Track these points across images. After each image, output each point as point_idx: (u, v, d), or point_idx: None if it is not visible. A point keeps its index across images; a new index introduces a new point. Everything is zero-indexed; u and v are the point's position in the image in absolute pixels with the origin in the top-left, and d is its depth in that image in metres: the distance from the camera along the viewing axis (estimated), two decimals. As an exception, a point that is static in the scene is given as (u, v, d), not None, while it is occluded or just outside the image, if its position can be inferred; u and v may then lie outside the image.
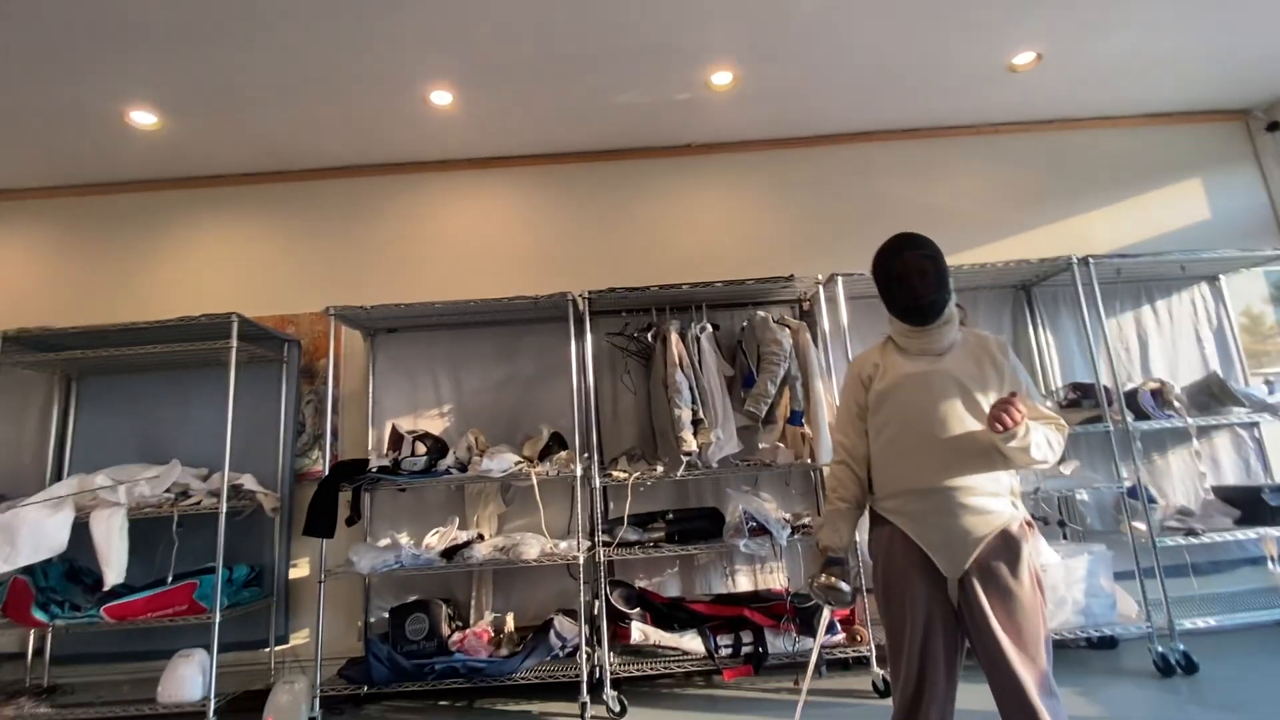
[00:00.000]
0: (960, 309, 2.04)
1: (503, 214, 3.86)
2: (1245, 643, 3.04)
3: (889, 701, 2.64)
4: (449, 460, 3.05)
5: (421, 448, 3.03)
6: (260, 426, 3.42)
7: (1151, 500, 3.08)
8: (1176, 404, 3.16)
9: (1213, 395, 3.24)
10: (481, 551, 2.93)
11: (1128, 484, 3.03)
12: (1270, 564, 3.20)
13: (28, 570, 2.86)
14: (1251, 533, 2.98)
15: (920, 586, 1.56)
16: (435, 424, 3.47)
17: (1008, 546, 1.52)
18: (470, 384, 3.54)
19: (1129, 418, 3.05)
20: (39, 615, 2.86)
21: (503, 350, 3.57)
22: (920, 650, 1.54)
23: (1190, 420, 3.11)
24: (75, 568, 3.10)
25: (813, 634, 2.86)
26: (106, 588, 2.83)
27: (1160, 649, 2.76)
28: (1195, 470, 3.44)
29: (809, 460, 3.01)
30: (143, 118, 3.27)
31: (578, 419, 3.05)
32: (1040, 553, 1.60)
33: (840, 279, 3.15)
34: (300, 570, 3.37)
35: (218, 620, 2.78)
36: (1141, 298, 3.68)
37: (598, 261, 3.75)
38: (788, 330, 3.11)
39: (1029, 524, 1.57)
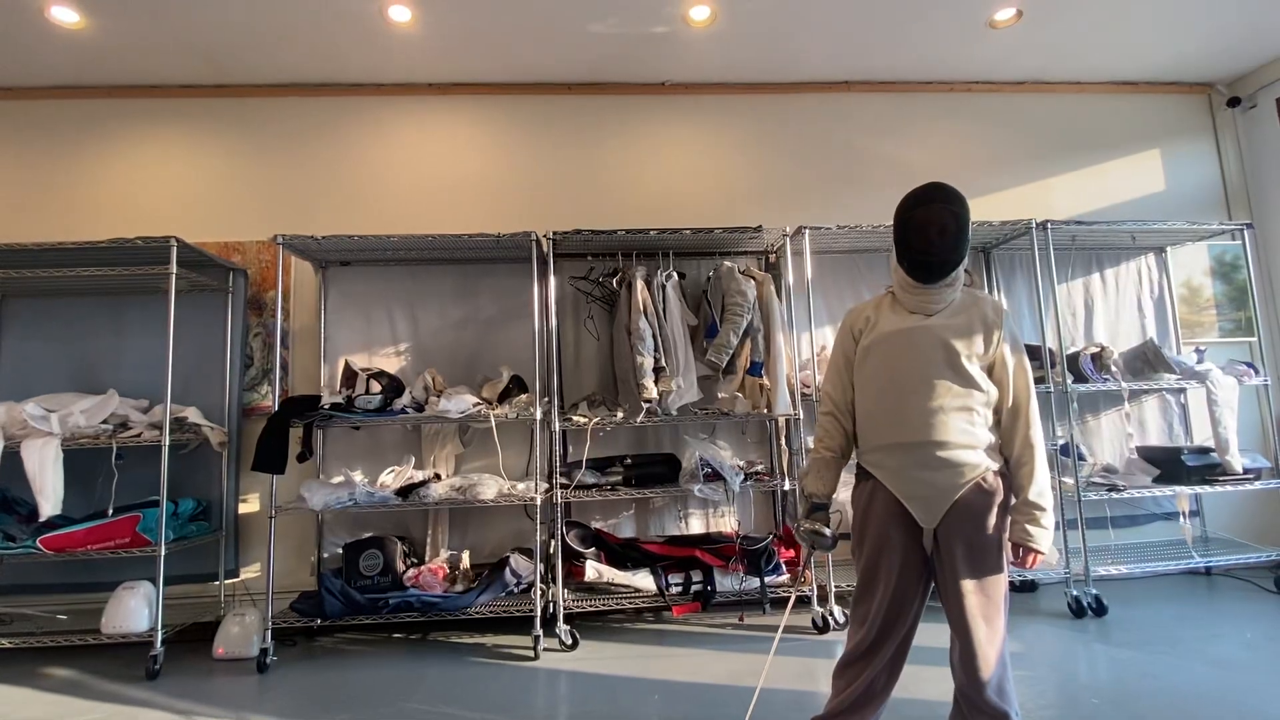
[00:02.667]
0: (968, 274, 2.02)
1: (466, 145, 3.69)
2: (1154, 590, 3.32)
3: (826, 637, 2.81)
4: (405, 400, 3.00)
5: (376, 386, 2.97)
6: (205, 358, 3.28)
7: (1081, 458, 3.27)
8: (1113, 368, 3.32)
9: (1147, 361, 3.41)
10: (438, 491, 2.93)
11: (1061, 441, 3.20)
12: (1181, 519, 3.47)
13: (-46, 499, 2.74)
14: (1169, 490, 3.21)
15: (897, 539, 1.61)
16: (391, 362, 3.39)
17: (981, 498, 1.57)
18: (428, 323, 3.45)
19: (1068, 380, 3.20)
20: (-31, 545, 2.75)
21: (463, 289, 3.48)
22: (891, 601, 1.61)
23: (1124, 384, 3.27)
24: (8, 498, 2.99)
25: (759, 574, 2.99)
26: (42, 519, 2.73)
27: (1075, 593, 2.99)
28: (1124, 431, 3.65)
29: (765, 411, 3.07)
30: (64, 14, 2.96)
31: (539, 362, 3.02)
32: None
33: (807, 232, 3.15)
34: (250, 505, 3.31)
35: (162, 554, 2.73)
36: (1092, 265, 3.80)
37: (564, 201, 3.65)
38: (753, 282, 3.11)
39: (1001, 475, 1.61)
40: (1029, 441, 1.60)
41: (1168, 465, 3.26)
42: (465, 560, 3.17)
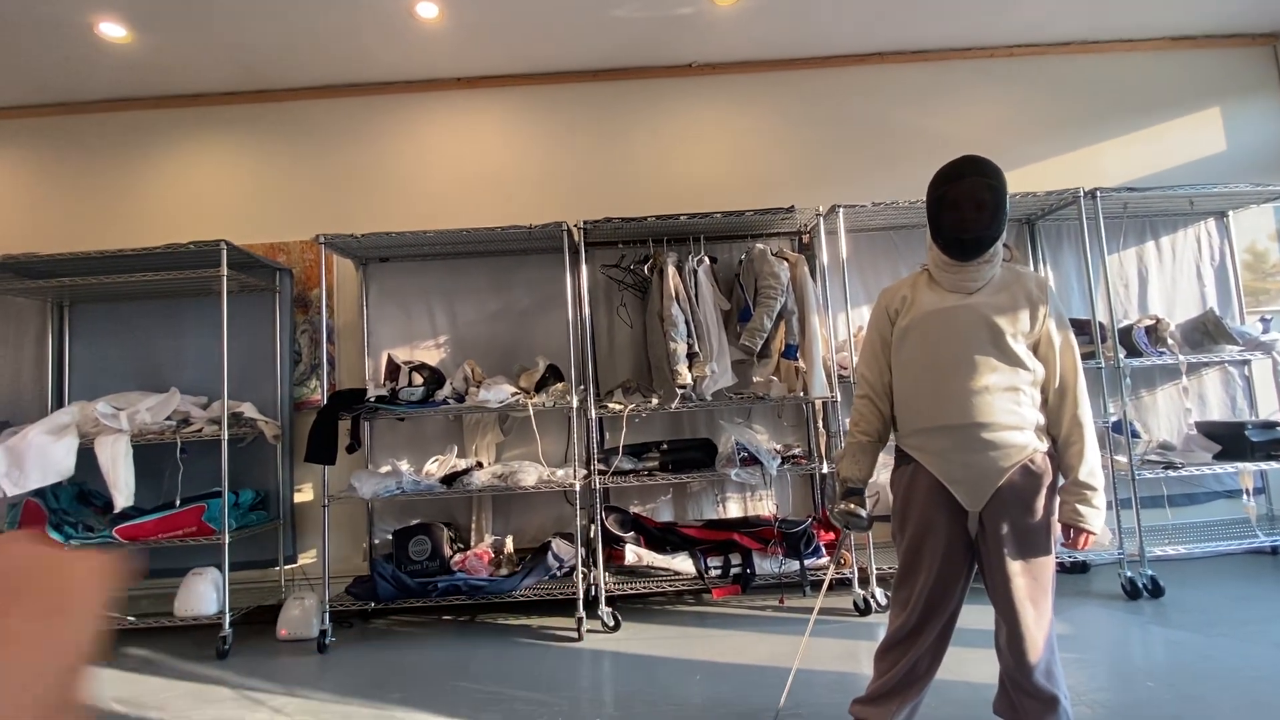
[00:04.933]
0: (1008, 248, 1.96)
1: (495, 138, 3.72)
2: (1215, 571, 3.19)
3: (868, 619, 2.80)
4: (446, 391, 3.08)
5: (419, 378, 3.06)
6: (257, 356, 3.43)
7: (1135, 435, 3.15)
8: (1170, 341, 3.17)
9: (1206, 333, 3.24)
10: (480, 478, 3.01)
11: (1113, 418, 3.09)
12: (1245, 497, 3.31)
13: (39, 493, 2.95)
14: (1230, 467, 3.07)
15: (941, 524, 1.59)
16: (431, 355, 3.48)
17: (1028, 480, 1.53)
18: (466, 315, 3.52)
19: (1121, 354, 3.07)
20: (54, 535, 2.96)
21: (497, 281, 3.53)
22: (934, 585, 1.59)
23: (1182, 358, 3.13)
24: (85, 491, 3.19)
25: (799, 557, 2.99)
26: (116, 510, 2.92)
27: (1129, 574, 2.90)
28: (1181, 406, 3.50)
29: (801, 394, 3.05)
30: (112, 29, 3.09)
31: (574, 351, 3.06)
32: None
33: (841, 210, 3.09)
34: (305, 495, 3.47)
35: (227, 541, 2.89)
36: (1146, 233, 3.62)
37: (594, 189, 3.66)
38: (786, 263, 3.07)
39: (1049, 455, 1.56)
40: (1077, 420, 1.55)
41: (1230, 441, 3.12)
42: (509, 545, 3.25)
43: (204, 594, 2.94)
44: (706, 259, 3.17)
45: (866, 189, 3.59)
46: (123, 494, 2.88)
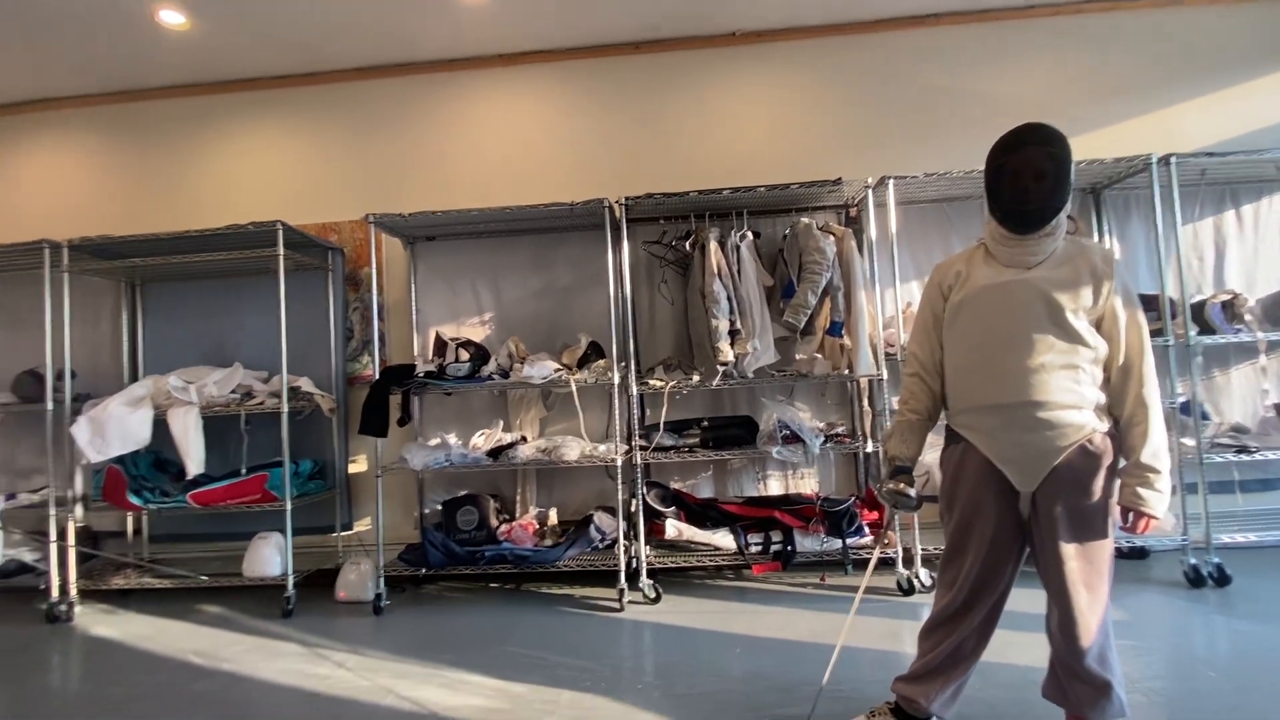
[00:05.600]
0: (1072, 220, 1.86)
1: (538, 115, 3.72)
2: (1284, 558, 3.02)
3: (912, 599, 2.77)
4: (491, 366, 3.15)
5: (465, 354, 3.13)
6: (312, 332, 3.56)
7: (1205, 417, 2.98)
8: (1248, 317, 2.97)
9: (1291, 308, 3.03)
10: (525, 452, 3.08)
11: (1181, 399, 2.93)
12: (1325, 483, 3.11)
13: (119, 460, 3.16)
14: (1310, 451, 2.88)
15: (990, 505, 1.55)
16: (476, 331, 3.55)
17: (1086, 461, 1.48)
18: (509, 293, 3.58)
19: (1193, 331, 2.90)
20: (134, 499, 3.19)
21: (540, 259, 3.57)
22: (982, 565, 1.56)
23: (1261, 335, 2.93)
24: (161, 459, 3.41)
25: (841, 536, 2.97)
26: (189, 477, 3.11)
27: (1193, 561, 2.77)
28: (1258, 387, 3.29)
29: (846, 372, 2.99)
30: (172, 17, 3.20)
31: (615, 328, 3.07)
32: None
33: (891, 182, 2.98)
34: (359, 465, 3.62)
35: (289, 508, 3.05)
36: (1225, 201, 3.38)
37: (636, 165, 3.63)
38: (832, 238, 3.00)
39: (1110, 436, 1.50)
40: (1142, 400, 1.48)
41: (1311, 424, 2.92)
42: (553, 517, 3.34)
43: (269, 557, 3.12)
44: (750, 234, 3.12)
45: (918, 159, 3.44)
46: (194, 462, 3.07)
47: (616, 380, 3.02)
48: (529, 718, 1.96)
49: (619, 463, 2.97)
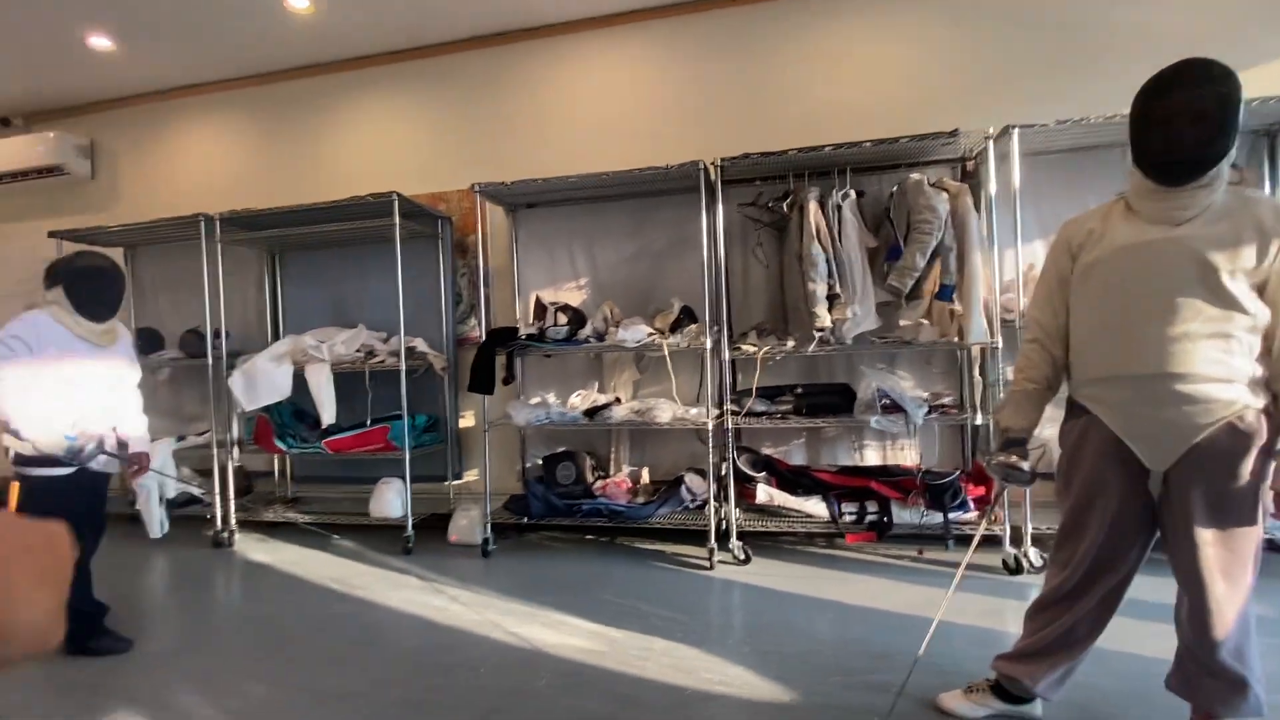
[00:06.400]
0: (1236, 169, 1.63)
1: (633, 77, 3.70)
2: None
3: (1018, 579, 2.64)
4: (587, 330, 3.25)
5: (563, 318, 3.25)
6: (424, 296, 3.82)
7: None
8: None
9: None
10: (619, 413, 3.18)
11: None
12: None
13: (266, 409, 3.58)
14: None
15: (1114, 483, 1.45)
16: (573, 296, 3.66)
17: (1234, 441, 1.33)
18: (605, 257, 3.64)
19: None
20: (279, 444, 3.61)
21: (635, 223, 3.59)
22: (1101, 547, 1.47)
23: None
24: (299, 409, 3.82)
25: (943, 510, 2.86)
26: (324, 426, 3.48)
27: (1367, 559, 2.44)
28: None
29: (956, 339, 2.83)
30: (297, 1, 3.44)
31: (708, 292, 3.06)
32: None
33: (1016, 132, 2.72)
34: (467, 421, 3.89)
35: (408, 457, 3.34)
36: None
37: (733, 125, 3.53)
38: (945, 195, 2.80)
39: (1266, 414, 1.34)
40: None
41: None
42: (645, 476, 3.44)
43: (391, 500, 3.45)
44: (853, 193, 2.98)
45: (1048, 104, 3.10)
46: (328, 412, 3.42)
47: (709, 345, 3.02)
48: (625, 660, 2.08)
49: (710, 426, 3.00)
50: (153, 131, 4.51)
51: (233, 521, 3.61)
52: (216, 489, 3.58)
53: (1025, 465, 1.56)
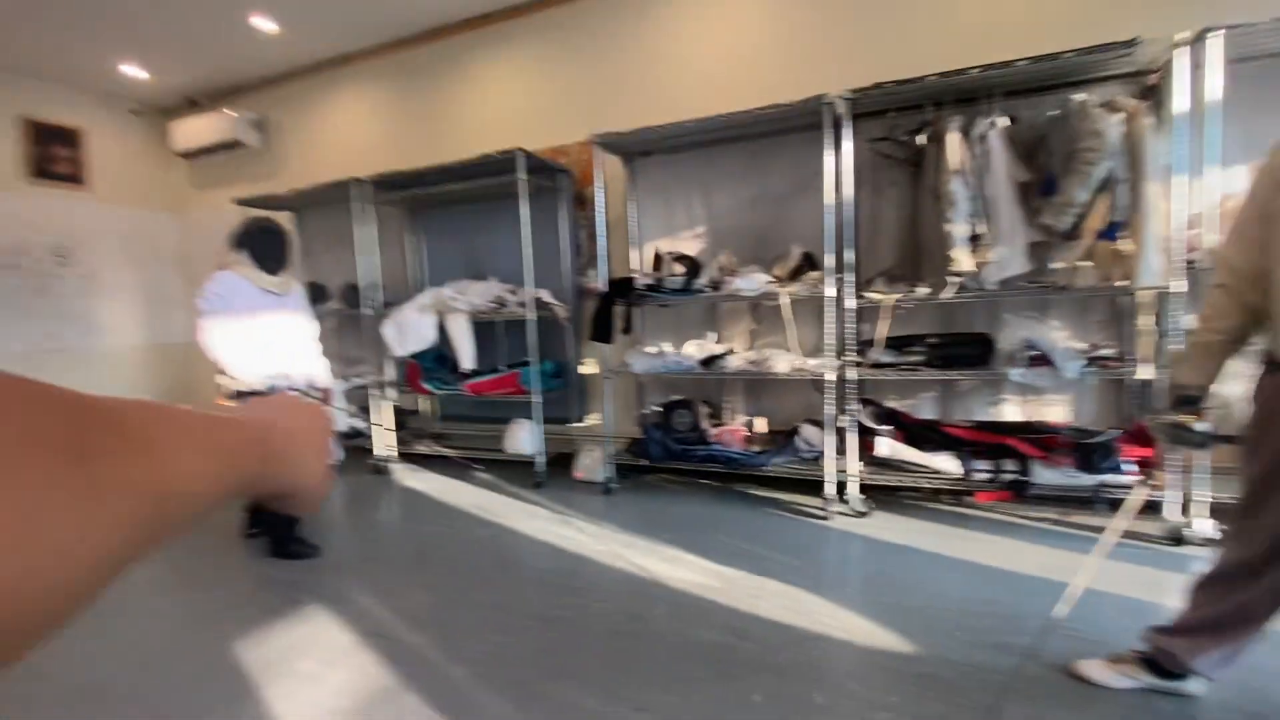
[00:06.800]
0: None
1: (748, 11, 3.50)
2: None
3: (1180, 550, 2.38)
4: (703, 279, 3.24)
5: (679, 267, 3.26)
6: (547, 248, 3.98)
7: None
8: None
9: None
10: (735, 362, 3.19)
11: None
12: None
13: (414, 355, 3.98)
14: None
15: None
16: (689, 245, 3.65)
17: None
18: (721, 204, 3.58)
19: None
20: (426, 386, 4.02)
21: (752, 167, 3.47)
22: None
23: None
24: (442, 355, 4.21)
25: (1093, 471, 2.62)
26: (463, 370, 3.81)
27: None
28: None
29: (1125, 282, 2.50)
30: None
31: (831, 236, 2.92)
32: None
33: (1219, 35, 2.28)
34: (589, 368, 4.08)
35: (537, 400, 3.59)
36: None
37: (859, 54, 3.26)
38: (1117, 117, 2.43)
39: None
40: None
41: None
42: (760, 425, 3.45)
43: (523, 439, 3.75)
44: (1003, 120, 2.67)
45: (1255, 2, 2.54)
46: (467, 358, 3.74)
47: (831, 293, 2.91)
48: (739, 597, 2.16)
49: (830, 377, 2.92)
50: (309, 104, 4.98)
51: (390, 452, 4.10)
52: (376, 424, 4.07)
53: (1199, 426, 1.39)
